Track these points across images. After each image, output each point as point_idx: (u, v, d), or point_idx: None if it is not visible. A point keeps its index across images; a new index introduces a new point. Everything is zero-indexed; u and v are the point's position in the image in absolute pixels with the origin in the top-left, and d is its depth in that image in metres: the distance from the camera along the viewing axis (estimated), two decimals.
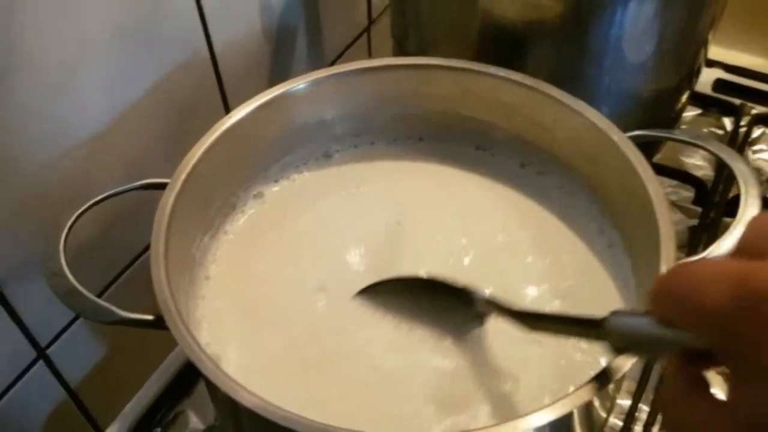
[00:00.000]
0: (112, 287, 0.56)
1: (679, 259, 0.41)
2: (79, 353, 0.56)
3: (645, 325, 0.27)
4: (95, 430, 0.59)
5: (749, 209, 0.42)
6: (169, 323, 0.38)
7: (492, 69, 0.51)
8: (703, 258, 0.23)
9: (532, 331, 0.38)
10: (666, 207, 0.41)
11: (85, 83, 0.47)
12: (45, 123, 0.46)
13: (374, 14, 0.78)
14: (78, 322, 0.54)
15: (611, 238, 0.50)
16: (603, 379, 0.35)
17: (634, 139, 0.46)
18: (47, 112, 0.45)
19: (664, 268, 0.39)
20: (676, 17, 0.55)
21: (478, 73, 0.52)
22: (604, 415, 0.46)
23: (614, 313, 0.30)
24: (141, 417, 0.53)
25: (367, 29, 0.78)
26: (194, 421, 0.55)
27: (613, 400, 0.47)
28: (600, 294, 0.47)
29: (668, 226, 0.40)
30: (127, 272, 0.57)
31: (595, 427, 0.44)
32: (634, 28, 0.54)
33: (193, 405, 0.55)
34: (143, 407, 0.54)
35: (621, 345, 0.30)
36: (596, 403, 0.42)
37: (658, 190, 0.42)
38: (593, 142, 0.48)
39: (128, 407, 0.54)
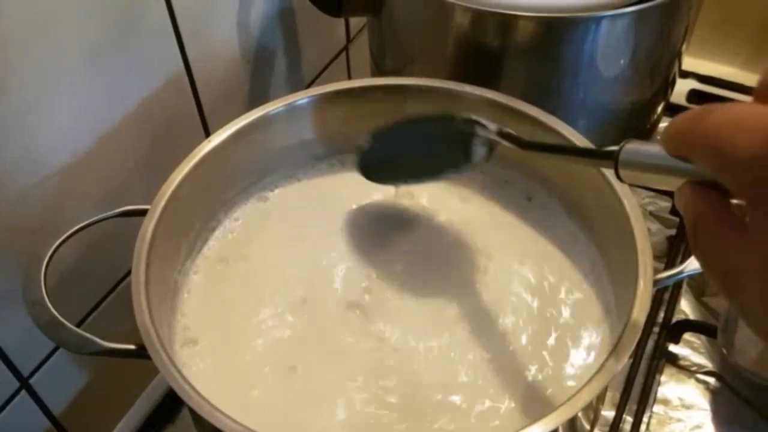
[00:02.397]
0: (93, 315, 0.56)
1: (656, 273, 0.41)
2: (62, 382, 0.56)
3: (659, 155, 0.28)
4: None
5: None
6: (151, 353, 0.38)
7: (468, 88, 0.52)
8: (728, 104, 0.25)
9: (538, 152, 0.42)
10: (642, 223, 0.42)
11: (60, 109, 0.47)
12: (19, 150, 0.45)
13: (352, 33, 0.79)
14: (60, 351, 0.54)
15: (588, 252, 0.50)
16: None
17: None
18: (21, 140, 0.45)
19: (641, 283, 0.39)
20: (649, 31, 0.56)
21: (454, 92, 0.52)
22: (587, 427, 0.46)
23: (628, 142, 0.30)
24: None
25: (346, 48, 0.79)
26: None
27: (597, 411, 0.47)
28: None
29: (645, 241, 0.41)
30: (108, 299, 0.57)
31: (594, 416, 0.45)
32: (608, 43, 0.54)
33: (177, 430, 0.55)
34: None
35: (629, 172, 0.31)
36: (580, 414, 0.42)
37: (633, 205, 0.43)
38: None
39: None
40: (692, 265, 0.42)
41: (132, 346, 0.39)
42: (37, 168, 0.47)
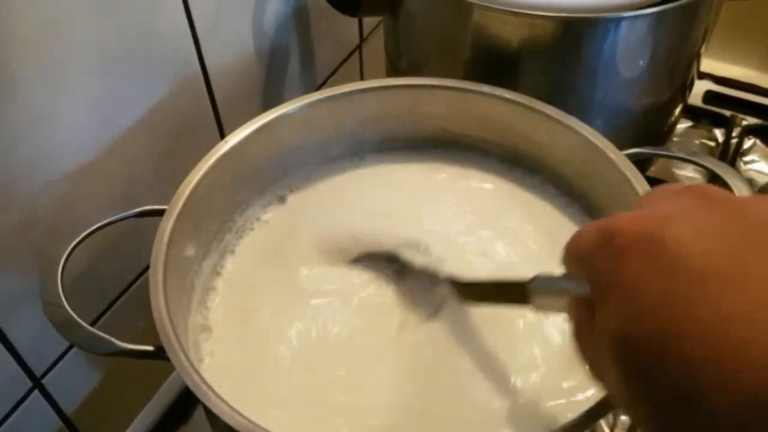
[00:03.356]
0: (106, 315, 0.56)
1: None
2: (75, 382, 0.55)
3: (555, 279, 0.32)
4: None
5: None
6: (170, 354, 0.37)
7: (485, 88, 0.51)
8: None
9: (468, 302, 0.43)
10: None
11: (75, 110, 0.47)
12: (34, 150, 0.45)
13: (365, 32, 0.78)
14: (73, 351, 0.54)
15: None
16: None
17: (630, 156, 0.46)
18: (35, 141, 0.45)
19: None
20: (668, 33, 0.55)
21: (472, 92, 0.52)
22: (607, 431, 0.45)
23: (535, 276, 0.34)
24: None
25: (359, 47, 0.78)
26: None
27: (616, 416, 0.47)
28: None
29: None
30: (121, 299, 0.56)
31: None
32: (627, 44, 0.54)
33: (190, 430, 0.55)
34: None
35: (540, 302, 0.34)
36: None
37: None
38: (588, 159, 0.48)
39: None
40: None
41: (150, 348, 0.39)
42: (51, 168, 0.47)
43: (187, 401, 0.55)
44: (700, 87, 0.77)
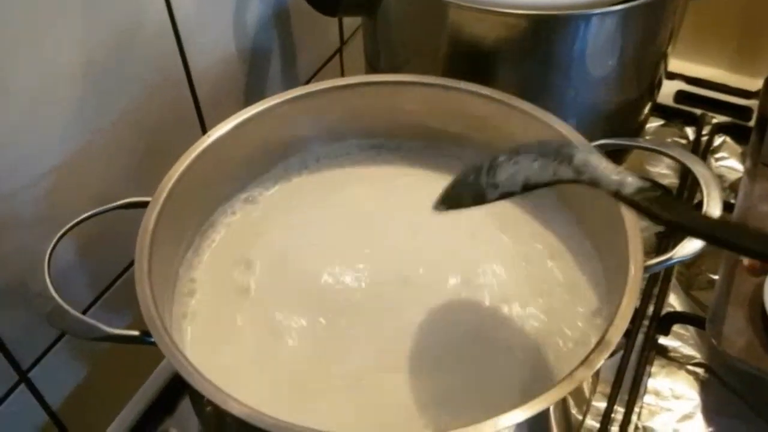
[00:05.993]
0: (94, 307, 0.56)
1: (645, 263, 0.42)
2: (61, 376, 0.56)
3: None
4: None
5: (711, 210, 0.44)
6: (156, 338, 0.38)
7: (462, 84, 0.53)
8: None
9: None
10: (633, 215, 0.43)
11: (58, 109, 0.48)
12: (17, 149, 0.46)
13: (346, 35, 0.80)
14: (59, 344, 0.54)
15: (584, 246, 0.51)
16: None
17: (600, 147, 0.48)
18: (19, 137, 0.46)
19: (632, 269, 0.40)
20: (636, 31, 0.57)
21: (449, 88, 0.54)
22: (580, 417, 0.47)
23: None
24: None
25: (340, 50, 0.80)
26: None
27: (588, 402, 0.49)
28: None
29: (636, 236, 0.42)
30: (108, 293, 0.57)
31: (572, 429, 0.46)
32: (597, 42, 0.56)
33: (176, 424, 0.55)
34: (126, 428, 0.54)
35: None
36: (571, 403, 0.43)
37: None
38: None
39: (111, 428, 0.54)
40: (681, 252, 0.43)
41: (135, 332, 0.40)
42: (34, 165, 0.48)
43: (172, 393, 0.56)
44: (672, 87, 0.80)
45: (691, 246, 0.43)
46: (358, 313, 0.48)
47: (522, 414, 0.36)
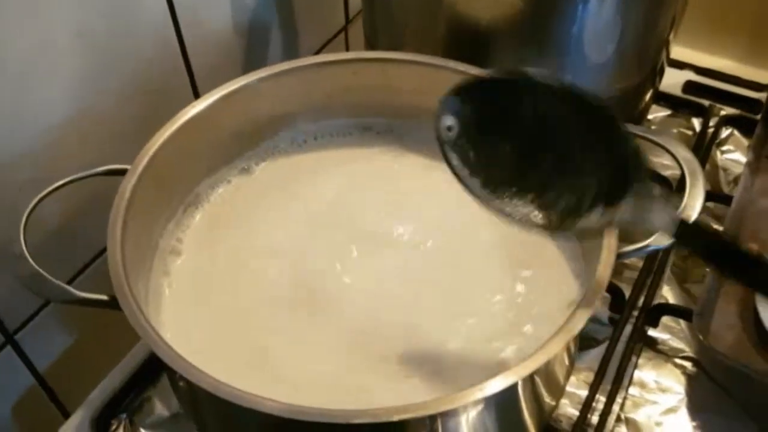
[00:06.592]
0: (80, 277, 0.57)
1: (620, 250, 0.42)
2: (48, 340, 0.57)
3: None
4: (63, 416, 0.60)
5: (693, 200, 0.43)
6: (122, 303, 0.39)
7: (451, 63, 0.52)
8: None
9: None
10: None
11: (49, 80, 0.48)
12: (10, 118, 0.47)
13: (352, 14, 0.79)
14: (47, 309, 0.55)
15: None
16: None
17: None
18: (12, 107, 0.46)
19: (604, 254, 0.40)
20: (636, 16, 0.56)
21: (438, 67, 0.53)
22: (552, 403, 0.47)
23: None
24: (107, 403, 0.54)
25: (345, 29, 0.80)
26: (160, 408, 0.55)
27: (562, 387, 0.48)
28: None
29: None
30: (97, 261, 0.58)
31: (543, 413, 0.45)
32: (595, 26, 0.55)
33: (159, 392, 0.56)
34: (109, 393, 0.54)
35: None
36: (542, 384, 0.43)
37: None
38: None
39: (94, 393, 0.55)
40: (658, 241, 0.42)
41: (105, 297, 0.41)
42: (26, 133, 0.48)
43: (157, 361, 0.56)
44: (681, 76, 0.78)
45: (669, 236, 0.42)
46: (339, 298, 0.48)
47: (489, 389, 0.36)
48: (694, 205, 0.43)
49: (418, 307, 0.47)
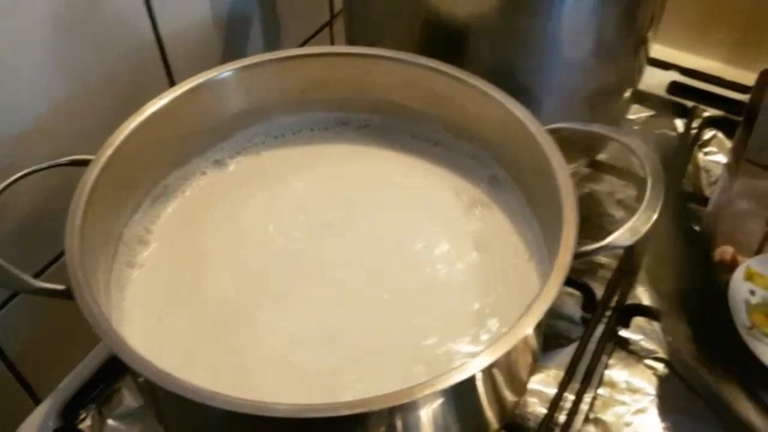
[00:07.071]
0: (54, 266, 0.57)
1: (580, 249, 0.41)
2: (19, 327, 0.57)
3: None
4: (34, 402, 0.60)
5: (651, 201, 0.43)
6: (75, 293, 0.39)
7: (422, 60, 0.52)
8: None
9: None
10: (572, 194, 0.42)
11: (22, 69, 0.48)
12: None
13: (336, 9, 0.79)
14: (18, 297, 0.55)
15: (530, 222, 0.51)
16: None
17: (552, 130, 0.47)
18: None
19: (561, 253, 0.40)
20: (613, 14, 0.56)
21: (411, 63, 0.53)
22: (514, 399, 0.46)
23: None
24: (75, 393, 0.54)
25: (330, 24, 0.79)
26: (129, 399, 0.55)
27: (524, 384, 0.48)
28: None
29: (572, 212, 0.42)
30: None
31: (505, 409, 0.45)
32: (572, 23, 0.54)
33: (128, 384, 0.56)
34: (78, 384, 0.55)
35: None
36: (502, 379, 0.43)
37: (566, 178, 0.43)
38: (514, 132, 0.49)
39: (63, 383, 0.55)
40: (618, 240, 0.42)
41: (62, 287, 0.41)
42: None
43: None
44: (666, 77, 0.78)
45: (629, 235, 0.42)
46: (308, 294, 0.48)
47: (445, 382, 0.35)
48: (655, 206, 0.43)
49: (384, 304, 0.47)
